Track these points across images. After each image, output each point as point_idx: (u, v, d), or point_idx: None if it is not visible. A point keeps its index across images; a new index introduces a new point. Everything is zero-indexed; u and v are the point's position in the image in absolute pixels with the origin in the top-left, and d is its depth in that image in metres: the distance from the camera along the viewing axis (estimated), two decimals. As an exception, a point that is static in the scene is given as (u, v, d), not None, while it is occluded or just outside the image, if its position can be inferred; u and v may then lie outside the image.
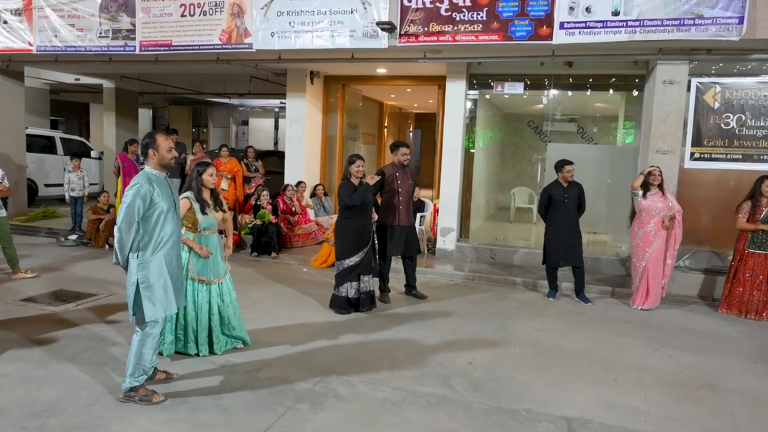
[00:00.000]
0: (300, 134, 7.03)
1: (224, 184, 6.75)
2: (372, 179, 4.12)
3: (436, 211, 6.41)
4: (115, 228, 2.57)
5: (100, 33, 6.12)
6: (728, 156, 5.06)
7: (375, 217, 4.32)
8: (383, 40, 5.14)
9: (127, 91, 10.37)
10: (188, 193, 3.13)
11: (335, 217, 6.71)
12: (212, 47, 5.75)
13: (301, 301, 4.44)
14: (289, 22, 5.42)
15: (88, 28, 6.16)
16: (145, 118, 14.58)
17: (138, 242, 2.58)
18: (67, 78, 9.87)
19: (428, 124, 11.35)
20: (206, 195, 3.17)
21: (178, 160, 7.41)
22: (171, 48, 5.88)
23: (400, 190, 4.41)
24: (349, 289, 4.10)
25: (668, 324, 4.24)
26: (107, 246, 6.22)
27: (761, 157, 4.99)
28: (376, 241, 4.33)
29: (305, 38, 5.39)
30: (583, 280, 4.76)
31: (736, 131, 5.01)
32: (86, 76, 9.65)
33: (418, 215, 6.05)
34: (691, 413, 2.78)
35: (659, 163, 4.83)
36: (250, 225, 6.31)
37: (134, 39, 5.99)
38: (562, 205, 4.65)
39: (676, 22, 4.47)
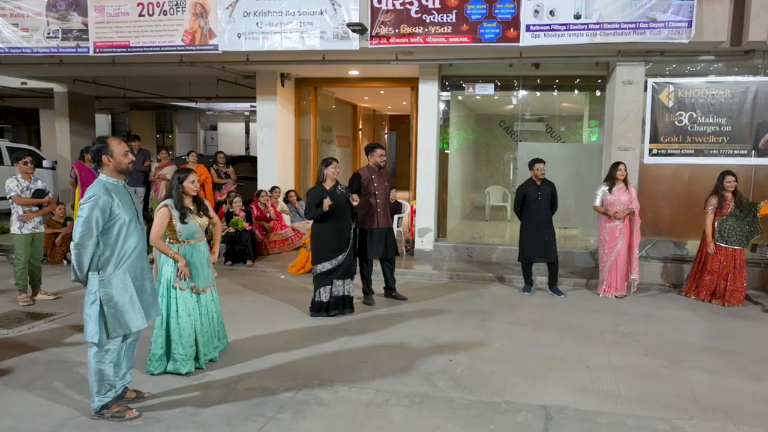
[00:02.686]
0: (272, 138, 6.87)
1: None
2: (354, 199, 4.05)
3: (413, 212, 6.44)
4: (72, 245, 2.39)
5: (48, 33, 5.73)
6: (682, 151, 5.38)
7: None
8: (354, 42, 5.12)
9: (81, 96, 9.75)
10: (167, 201, 2.98)
11: (311, 222, 6.67)
12: (174, 48, 5.53)
13: (280, 309, 4.34)
14: (257, 23, 5.30)
15: (34, 27, 5.75)
16: (103, 124, 13.81)
17: (98, 258, 2.41)
18: (13, 82, 9.18)
19: (403, 125, 11.42)
20: (188, 202, 3.04)
21: (142, 168, 7.06)
22: (129, 49, 5.60)
23: (376, 192, 4.39)
24: (323, 293, 4.06)
25: (634, 311, 4.45)
26: (65, 261, 5.85)
27: (711, 151, 5.33)
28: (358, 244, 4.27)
29: (274, 39, 5.28)
30: (557, 274, 4.92)
31: (689, 128, 5.34)
32: (34, 79, 8.99)
33: (396, 217, 6.05)
34: (656, 392, 2.94)
35: (622, 159, 5.07)
36: (223, 233, 6.11)
37: (87, 39, 5.66)
38: (535, 203, 4.78)
39: (632, 26, 4.71)
